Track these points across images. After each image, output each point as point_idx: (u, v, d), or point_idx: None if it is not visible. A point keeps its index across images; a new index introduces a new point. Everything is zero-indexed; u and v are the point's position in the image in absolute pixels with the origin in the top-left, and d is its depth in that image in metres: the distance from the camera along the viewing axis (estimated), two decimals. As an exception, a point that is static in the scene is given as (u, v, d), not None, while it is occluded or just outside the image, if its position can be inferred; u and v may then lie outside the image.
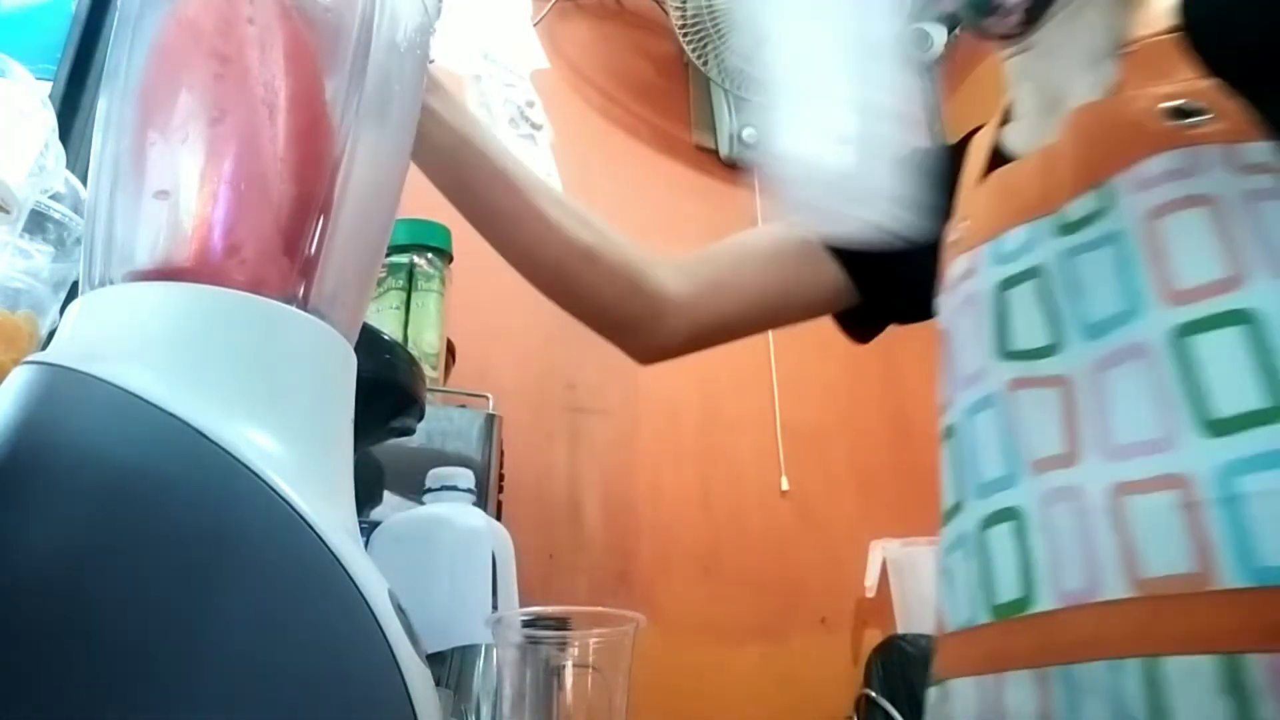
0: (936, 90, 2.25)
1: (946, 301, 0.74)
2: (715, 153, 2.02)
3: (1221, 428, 0.55)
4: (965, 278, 0.73)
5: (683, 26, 1.88)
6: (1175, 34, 0.66)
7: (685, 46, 1.90)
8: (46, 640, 0.26)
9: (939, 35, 2.16)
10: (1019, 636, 0.61)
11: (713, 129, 2.03)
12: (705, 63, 1.92)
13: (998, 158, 0.77)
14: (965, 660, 0.65)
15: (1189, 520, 0.54)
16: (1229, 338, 0.56)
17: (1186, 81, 0.63)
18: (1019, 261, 0.69)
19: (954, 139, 0.86)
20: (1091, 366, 0.62)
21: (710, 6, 1.86)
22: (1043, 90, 0.76)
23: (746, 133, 1.99)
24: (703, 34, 1.89)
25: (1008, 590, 0.62)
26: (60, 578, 0.27)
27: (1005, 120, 0.81)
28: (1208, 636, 0.53)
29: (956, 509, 0.68)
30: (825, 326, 0.96)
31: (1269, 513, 0.53)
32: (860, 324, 0.92)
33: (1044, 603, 0.60)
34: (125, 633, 0.26)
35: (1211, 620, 0.53)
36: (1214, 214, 0.59)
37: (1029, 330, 0.67)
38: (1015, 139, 0.78)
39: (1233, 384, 0.56)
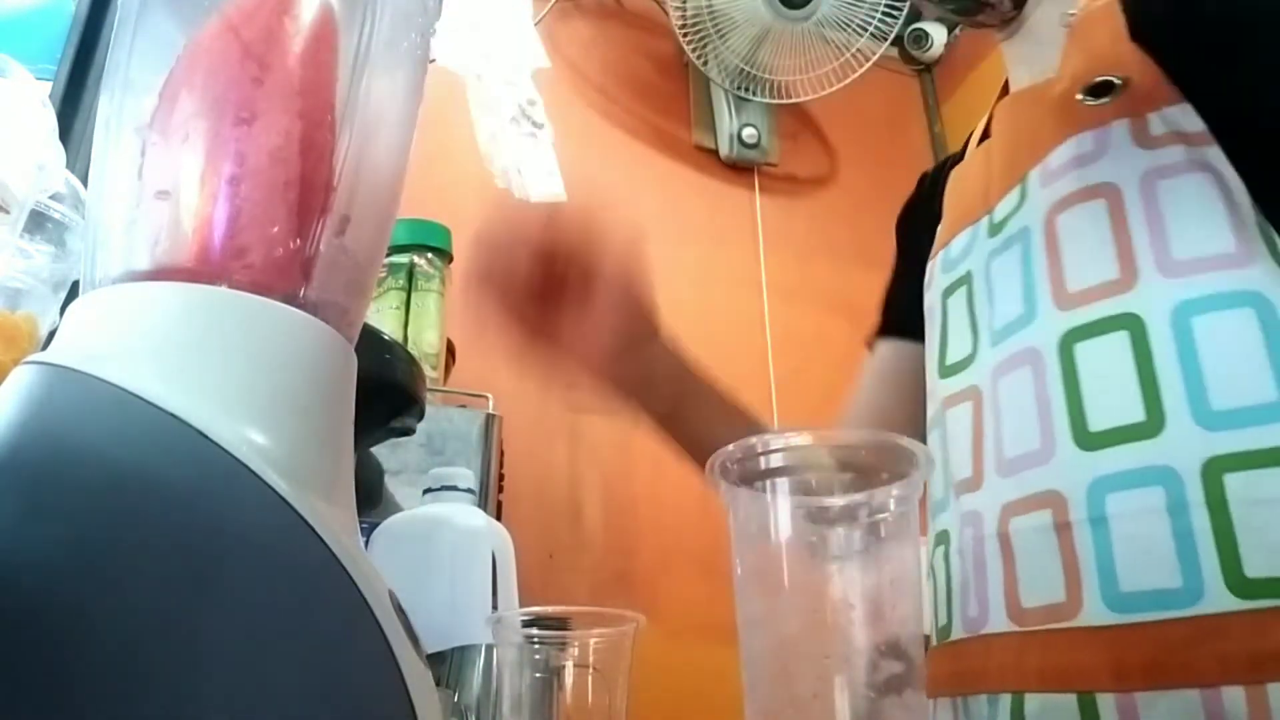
0: (934, 91, 2.25)
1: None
2: (715, 153, 2.02)
3: (1095, 441, 0.52)
4: (928, 288, 0.70)
5: (683, 26, 1.88)
6: None
7: (685, 46, 1.90)
8: (44, 641, 0.26)
9: (938, 35, 2.17)
10: (941, 663, 0.61)
11: (713, 129, 2.03)
12: (705, 63, 1.92)
13: (988, 137, 0.72)
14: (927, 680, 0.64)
15: (1061, 543, 0.52)
16: (1114, 345, 0.52)
17: (1110, 49, 0.58)
18: (958, 268, 0.66)
19: (952, 139, 0.85)
20: (991, 375, 0.59)
21: (710, 6, 1.86)
22: (1030, 70, 0.71)
23: (746, 133, 1.99)
24: (703, 34, 1.88)
25: (941, 614, 0.61)
26: (58, 579, 0.27)
27: (1004, 92, 0.75)
28: (1066, 674, 0.51)
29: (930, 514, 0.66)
30: (825, 327, 0.96)
31: (1132, 535, 0.49)
32: None
33: (956, 630, 0.59)
34: (124, 633, 0.26)
35: (1071, 657, 0.51)
36: (1111, 206, 0.55)
37: (958, 342, 0.64)
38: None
39: (1109, 395, 0.52)
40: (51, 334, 0.60)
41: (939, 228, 0.72)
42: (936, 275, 0.69)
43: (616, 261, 0.60)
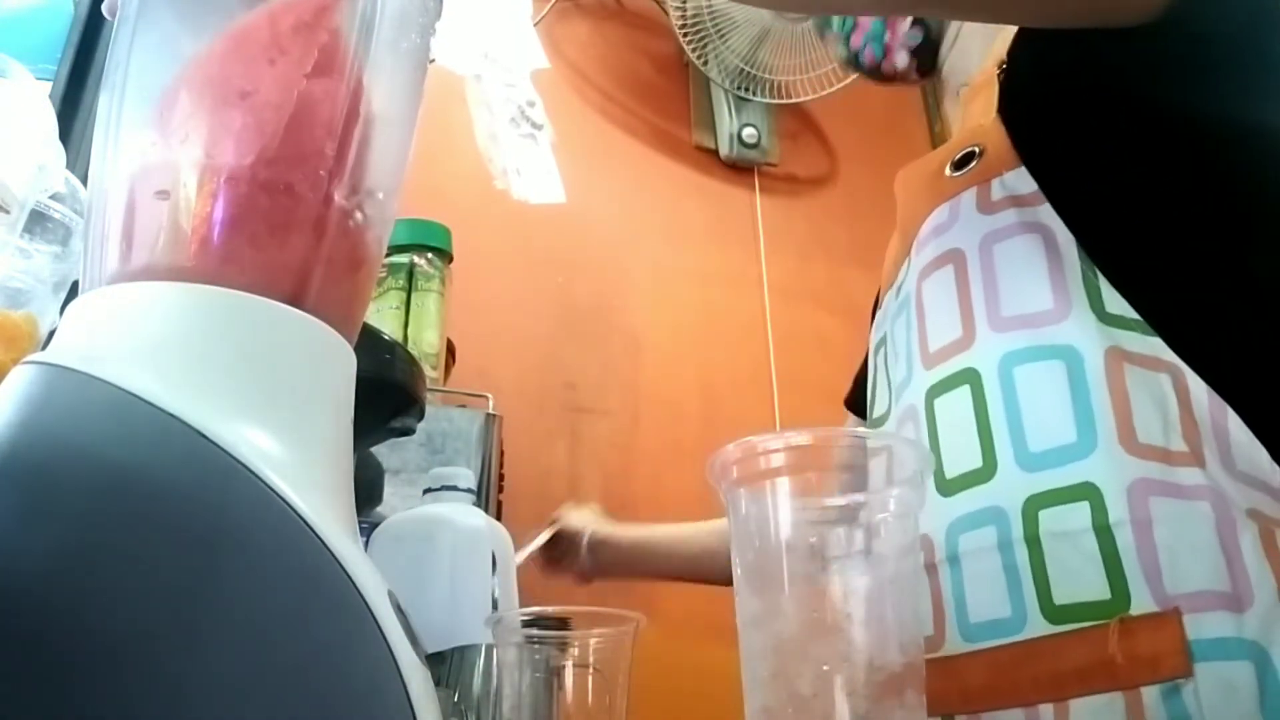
0: (934, 91, 2.25)
1: None
2: (715, 153, 2.02)
3: (950, 487, 0.56)
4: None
5: (683, 26, 1.88)
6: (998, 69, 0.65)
7: (685, 46, 1.90)
8: (44, 641, 0.26)
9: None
10: None
11: (713, 129, 2.03)
12: (705, 63, 1.92)
13: None
14: None
15: (930, 583, 0.56)
16: (960, 398, 0.57)
17: (980, 121, 0.64)
18: (880, 330, 0.71)
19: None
20: (894, 431, 0.64)
21: (710, 6, 1.86)
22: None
23: (746, 133, 1.98)
24: (703, 34, 1.88)
25: None
26: (59, 578, 0.27)
27: None
28: (931, 701, 0.54)
29: None
30: (825, 327, 0.97)
31: (976, 571, 0.54)
32: None
33: None
34: (123, 633, 0.26)
35: (934, 685, 0.54)
36: (957, 271, 0.60)
37: (880, 398, 0.69)
38: None
39: (959, 444, 0.56)
40: (51, 334, 0.60)
41: None
42: (872, 334, 0.75)
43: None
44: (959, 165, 0.63)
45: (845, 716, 0.41)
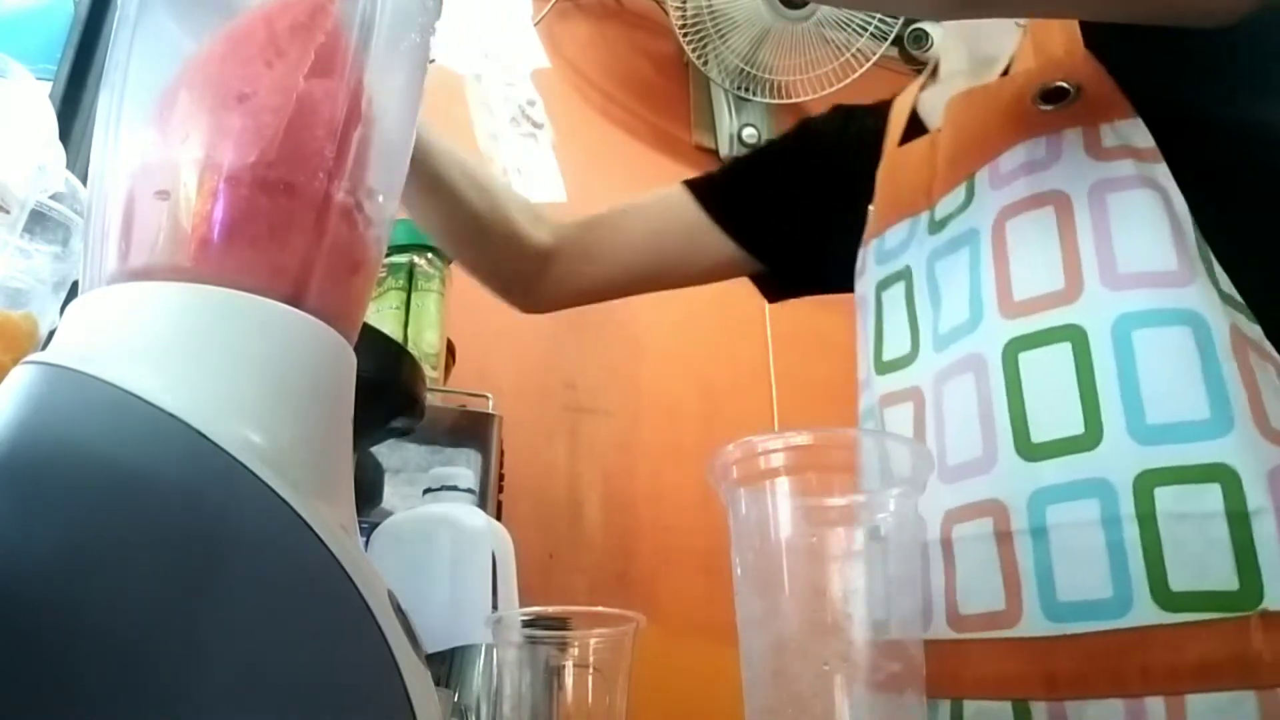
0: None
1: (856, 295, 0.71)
2: (715, 153, 2.02)
3: (1036, 452, 0.52)
4: (860, 275, 0.70)
5: (683, 26, 1.88)
6: None
7: (685, 46, 1.90)
8: (43, 641, 0.26)
9: (939, 35, 2.16)
10: None
11: (713, 129, 2.03)
12: (705, 63, 1.92)
13: (914, 124, 0.73)
14: None
15: (1001, 553, 0.52)
16: (1056, 356, 0.53)
17: (1065, 53, 0.59)
18: (895, 261, 0.65)
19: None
20: (934, 379, 0.59)
21: (710, 6, 1.86)
22: (971, 50, 0.71)
23: (746, 133, 1.98)
24: (703, 34, 1.88)
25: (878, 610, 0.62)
26: (58, 578, 0.27)
27: (932, 77, 0.76)
28: (1002, 682, 0.51)
29: None
30: (825, 327, 0.96)
31: (1069, 546, 0.50)
32: (776, 288, 0.90)
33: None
34: (122, 634, 0.26)
35: (1007, 665, 0.51)
36: (1059, 215, 0.55)
37: (895, 339, 0.64)
38: (933, 103, 0.72)
39: (1051, 406, 0.52)
40: (51, 334, 0.60)
41: (870, 211, 0.70)
42: (869, 265, 0.68)
43: None
44: (1049, 98, 0.58)
45: (845, 716, 0.41)
